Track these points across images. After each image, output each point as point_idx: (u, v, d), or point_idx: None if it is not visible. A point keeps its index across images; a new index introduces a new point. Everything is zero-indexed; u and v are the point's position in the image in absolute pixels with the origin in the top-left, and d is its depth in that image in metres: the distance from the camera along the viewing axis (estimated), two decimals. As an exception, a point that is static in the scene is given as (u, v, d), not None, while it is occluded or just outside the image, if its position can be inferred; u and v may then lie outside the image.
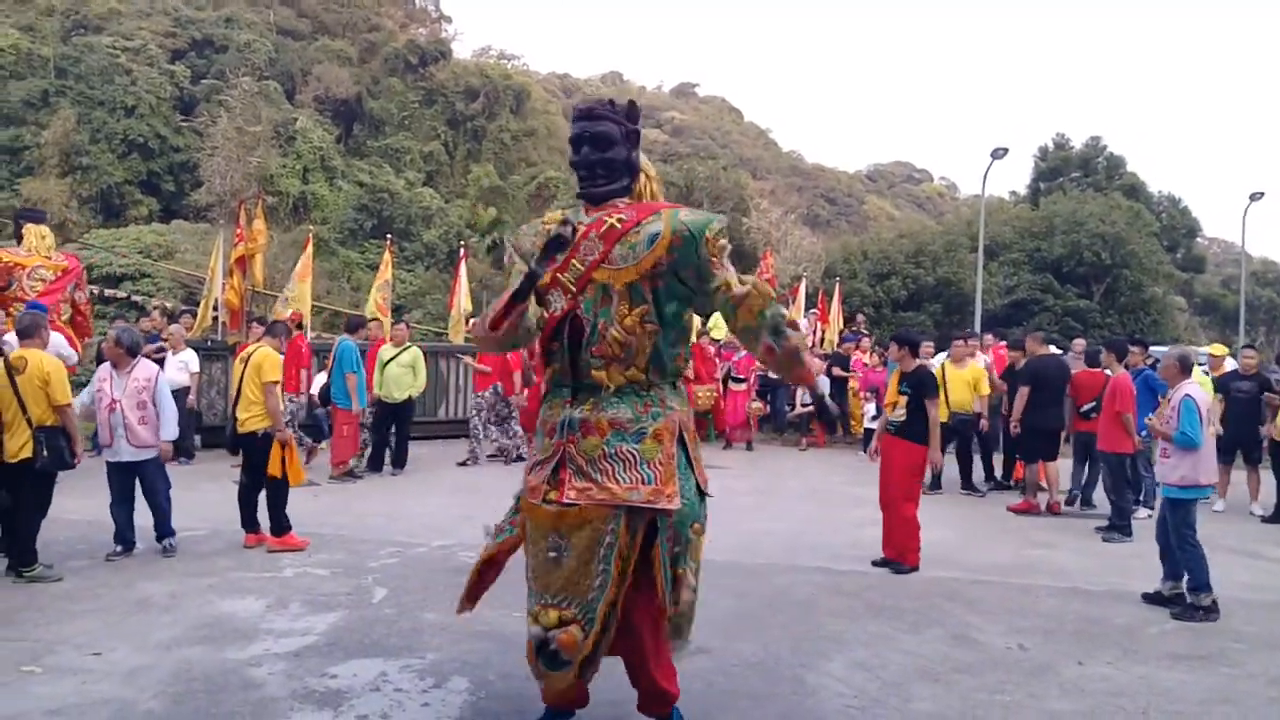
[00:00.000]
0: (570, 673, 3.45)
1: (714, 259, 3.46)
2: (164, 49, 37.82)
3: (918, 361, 7.22)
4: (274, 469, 6.87)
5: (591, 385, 3.50)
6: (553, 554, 3.41)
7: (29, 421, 5.88)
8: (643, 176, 3.73)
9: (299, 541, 6.90)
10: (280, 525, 6.93)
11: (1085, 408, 9.20)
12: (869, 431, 13.19)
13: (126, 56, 34.95)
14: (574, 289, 3.49)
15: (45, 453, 5.91)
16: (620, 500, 3.36)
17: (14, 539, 6.03)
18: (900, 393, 6.98)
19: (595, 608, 3.37)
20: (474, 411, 11.68)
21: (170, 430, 6.80)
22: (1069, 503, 9.64)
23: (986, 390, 10.16)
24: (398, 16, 52.31)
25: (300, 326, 10.47)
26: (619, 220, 3.51)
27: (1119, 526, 8.11)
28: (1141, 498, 9.08)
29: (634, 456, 3.42)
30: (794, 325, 3.51)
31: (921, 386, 6.92)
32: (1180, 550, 5.94)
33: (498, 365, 11.15)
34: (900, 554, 6.72)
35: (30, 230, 9.44)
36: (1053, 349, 10.72)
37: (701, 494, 3.63)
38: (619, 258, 3.45)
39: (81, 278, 9.64)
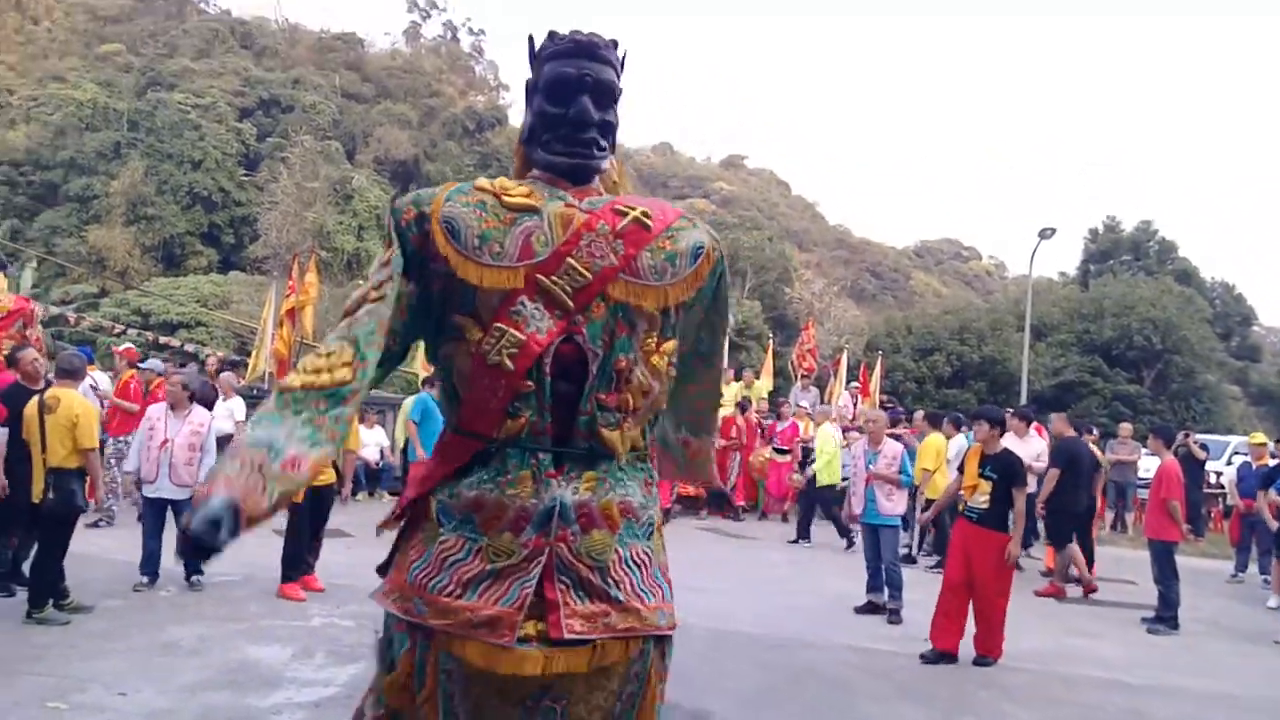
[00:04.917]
0: None
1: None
2: (233, 107, 39.40)
3: (1004, 444, 6.77)
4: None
5: (592, 452, 2.22)
6: None
7: (44, 462, 5.82)
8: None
9: None
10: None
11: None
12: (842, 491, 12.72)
13: (197, 113, 36.45)
14: (572, 304, 2.18)
15: (52, 494, 5.83)
16: (650, 627, 2.19)
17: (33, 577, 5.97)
18: (983, 476, 6.44)
19: None
20: None
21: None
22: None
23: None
24: (458, 84, 54.24)
25: (132, 365, 10.29)
26: (645, 215, 2.28)
27: (1165, 618, 7.83)
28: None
29: (648, 558, 2.27)
30: None
31: (1010, 473, 6.38)
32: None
33: None
34: (987, 648, 6.34)
35: None
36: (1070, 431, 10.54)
37: None
38: (649, 270, 2.24)
39: (32, 317, 9.91)
